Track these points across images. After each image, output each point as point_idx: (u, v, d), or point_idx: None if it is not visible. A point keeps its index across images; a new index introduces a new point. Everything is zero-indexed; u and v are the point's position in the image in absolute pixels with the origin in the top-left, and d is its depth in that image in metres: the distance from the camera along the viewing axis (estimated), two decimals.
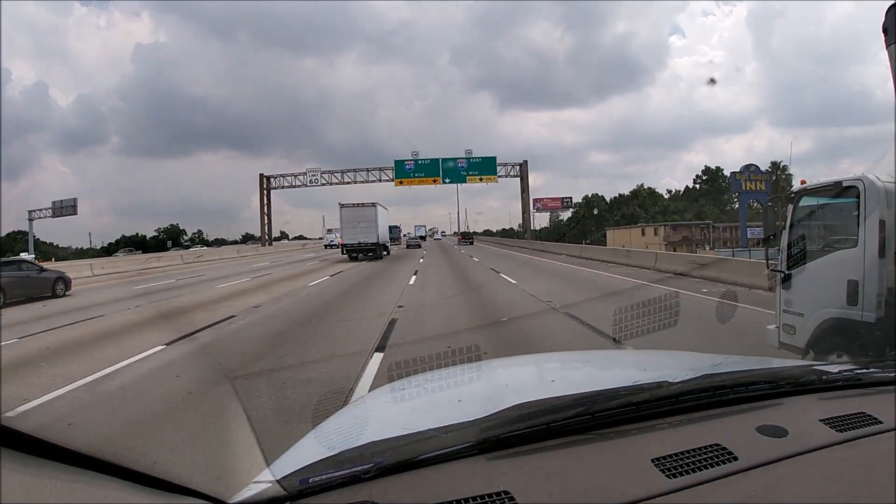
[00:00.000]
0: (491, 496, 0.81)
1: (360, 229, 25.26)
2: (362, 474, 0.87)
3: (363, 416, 1.49)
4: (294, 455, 1.14)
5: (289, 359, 5.35)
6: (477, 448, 0.94)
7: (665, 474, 0.85)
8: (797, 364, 1.45)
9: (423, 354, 2.01)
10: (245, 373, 4.88)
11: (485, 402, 1.29)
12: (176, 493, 0.79)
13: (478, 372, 1.85)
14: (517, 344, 5.62)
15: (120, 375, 5.00)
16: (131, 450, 3.12)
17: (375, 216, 25.66)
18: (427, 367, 1.86)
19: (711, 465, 0.88)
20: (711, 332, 5.33)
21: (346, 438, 1.18)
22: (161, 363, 5.38)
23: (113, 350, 6.03)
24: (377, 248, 25.57)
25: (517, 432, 0.96)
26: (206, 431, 3.47)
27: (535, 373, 1.87)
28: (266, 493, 0.89)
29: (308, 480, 0.87)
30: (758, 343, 4.19)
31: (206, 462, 2.96)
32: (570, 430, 0.99)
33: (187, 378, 4.91)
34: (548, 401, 1.06)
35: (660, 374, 1.23)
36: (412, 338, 6.21)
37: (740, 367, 1.44)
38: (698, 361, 1.85)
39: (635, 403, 1.04)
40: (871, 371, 1.32)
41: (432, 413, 1.33)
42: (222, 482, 1.02)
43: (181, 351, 6.02)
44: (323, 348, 5.74)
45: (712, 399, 1.11)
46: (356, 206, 26.21)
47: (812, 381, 1.25)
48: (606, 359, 2.47)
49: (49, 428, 0.70)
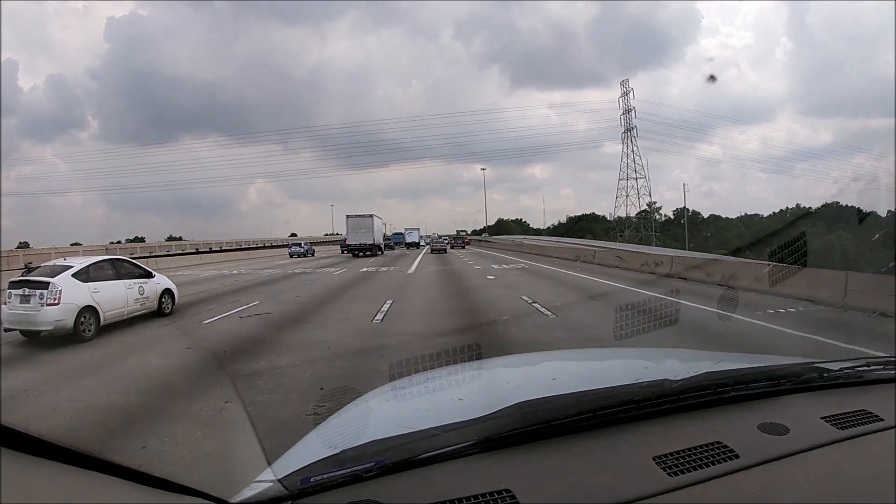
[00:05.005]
0: (492, 494, 0.81)
1: (360, 234, 34.31)
2: (364, 473, 0.87)
3: (364, 415, 1.49)
4: (295, 454, 1.14)
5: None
6: (478, 447, 0.94)
7: (667, 472, 0.85)
8: (798, 362, 1.44)
9: (423, 354, 2.01)
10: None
11: (486, 400, 1.29)
12: (177, 493, 0.79)
13: (478, 370, 1.85)
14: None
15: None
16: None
17: (372, 224, 35.16)
18: (428, 366, 1.86)
19: (713, 462, 0.88)
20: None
21: (347, 437, 1.18)
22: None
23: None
24: (373, 247, 34.76)
25: (518, 431, 0.96)
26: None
27: (536, 371, 1.87)
28: (268, 493, 0.89)
29: (310, 480, 0.87)
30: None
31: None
32: (571, 428, 0.99)
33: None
34: (549, 399, 1.06)
35: (661, 372, 1.23)
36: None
37: (741, 364, 1.44)
38: (699, 359, 1.85)
39: (636, 401, 1.03)
40: (872, 368, 1.32)
41: (433, 412, 1.33)
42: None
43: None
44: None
45: (713, 397, 1.11)
46: (358, 216, 35.14)
47: (813, 379, 1.25)
48: (607, 357, 2.47)
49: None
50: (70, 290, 6.89)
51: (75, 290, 6.98)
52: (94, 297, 7.21)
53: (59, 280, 6.88)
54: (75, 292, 6.96)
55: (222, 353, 5.93)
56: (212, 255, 33.83)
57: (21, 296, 6.76)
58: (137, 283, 8.33)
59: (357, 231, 34.51)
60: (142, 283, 8.43)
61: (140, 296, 8.31)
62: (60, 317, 6.69)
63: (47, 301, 6.65)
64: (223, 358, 5.71)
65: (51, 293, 6.69)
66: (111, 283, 7.75)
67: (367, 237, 34.31)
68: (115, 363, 5.73)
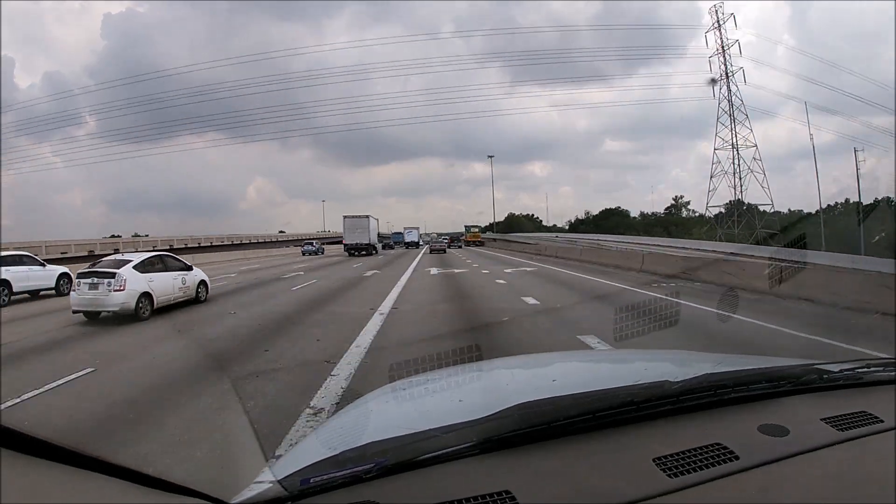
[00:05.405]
0: (492, 496, 0.80)
1: (357, 234, 35.96)
2: (364, 474, 0.87)
3: (364, 416, 1.49)
4: (295, 455, 1.14)
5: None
6: (478, 448, 0.93)
7: (666, 473, 0.85)
8: (798, 363, 1.44)
9: (423, 355, 2.00)
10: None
11: (486, 401, 1.29)
12: (177, 494, 0.78)
13: (478, 372, 1.85)
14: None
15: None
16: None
17: (368, 225, 36.87)
18: (428, 367, 1.86)
19: (713, 464, 0.88)
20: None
21: (347, 438, 1.18)
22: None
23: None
24: (369, 247, 36.24)
25: (518, 432, 0.96)
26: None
27: (536, 372, 1.86)
28: (267, 494, 0.89)
29: (309, 481, 0.87)
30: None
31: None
32: (571, 429, 0.99)
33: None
34: (549, 400, 1.06)
35: (661, 374, 1.23)
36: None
37: (741, 366, 1.44)
38: (699, 360, 1.85)
39: (636, 403, 1.03)
40: (873, 370, 1.32)
41: (433, 413, 1.33)
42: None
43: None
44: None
45: (713, 398, 1.10)
46: (355, 217, 36.97)
47: (813, 381, 1.25)
48: (607, 358, 2.47)
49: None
50: (132, 279, 8.51)
51: (136, 279, 8.60)
52: (149, 286, 8.83)
53: (124, 271, 8.46)
54: (136, 281, 8.59)
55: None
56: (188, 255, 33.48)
57: (90, 284, 8.33)
58: (181, 275, 9.96)
59: (354, 231, 36.21)
60: (184, 275, 10.06)
61: (182, 285, 9.93)
62: (125, 300, 8.31)
63: (114, 288, 8.25)
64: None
65: (117, 281, 8.28)
66: (161, 275, 9.35)
67: (363, 237, 36.00)
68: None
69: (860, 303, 7.73)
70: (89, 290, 8.34)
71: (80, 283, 8.53)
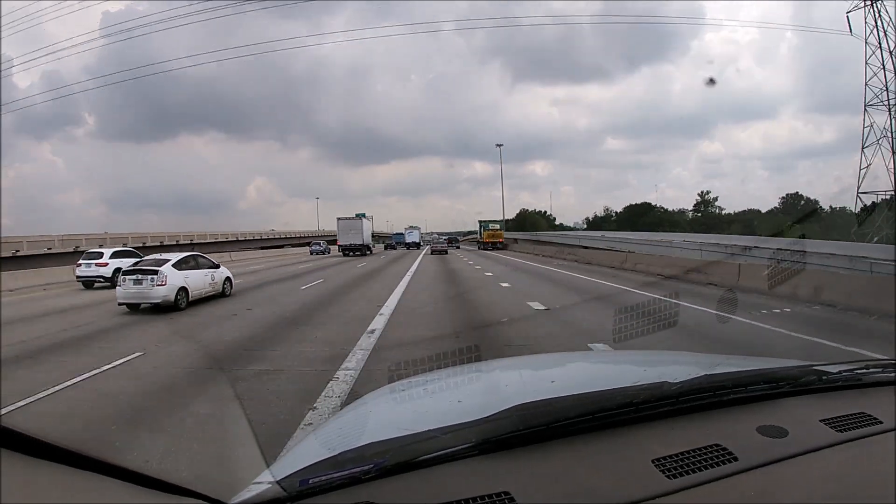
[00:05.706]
0: (491, 497, 0.80)
1: (350, 235, 37.30)
2: (362, 475, 0.87)
3: (363, 416, 1.49)
4: (294, 456, 1.14)
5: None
6: (477, 449, 0.93)
7: (665, 474, 0.85)
8: (797, 364, 1.44)
9: (422, 356, 2.00)
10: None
11: (485, 402, 1.28)
12: (176, 494, 0.79)
13: (477, 372, 1.85)
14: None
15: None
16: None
17: (361, 226, 38.47)
18: (427, 368, 1.86)
19: (712, 465, 0.88)
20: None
21: (346, 439, 1.18)
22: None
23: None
24: (363, 247, 37.96)
25: (517, 433, 0.96)
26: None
27: (535, 373, 1.86)
28: (266, 494, 0.88)
29: (308, 481, 0.87)
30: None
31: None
32: (570, 430, 0.99)
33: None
34: (548, 401, 1.06)
35: (660, 375, 1.23)
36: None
37: (740, 367, 1.44)
38: (698, 361, 1.85)
39: (635, 404, 1.03)
40: (871, 371, 1.32)
41: (432, 414, 1.33)
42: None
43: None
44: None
45: (712, 399, 1.10)
46: (348, 218, 38.63)
47: (812, 382, 1.25)
48: (606, 359, 2.47)
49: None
50: (172, 275, 9.89)
51: (175, 275, 9.99)
52: (186, 281, 10.21)
53: (165, 268, 9.86)
54: (175, 277, 9.98)
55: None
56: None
57: (135, 280, 9.70)
58: (210, 272, 11.40)
59: (347, 232, 37.48)
60: (212, 272, 11.49)
61: (212, 281, 11.37)
62: (167, 294, 9.67)
63: (157, 283, 9.61)
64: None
65: (159, 277, 9.66)
66: (195, 272, 10.77)
67: (356, 238, 37.32)
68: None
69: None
70: (134, 284, 9.65)
71: (125, 279, 9.82)
